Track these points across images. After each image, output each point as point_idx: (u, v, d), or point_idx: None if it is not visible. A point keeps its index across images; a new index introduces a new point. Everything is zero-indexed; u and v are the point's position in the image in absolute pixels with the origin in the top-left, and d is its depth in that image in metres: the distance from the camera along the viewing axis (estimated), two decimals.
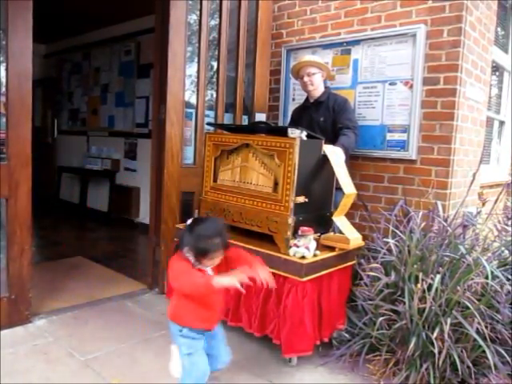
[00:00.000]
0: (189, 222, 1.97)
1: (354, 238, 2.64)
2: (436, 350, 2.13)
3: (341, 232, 2.65)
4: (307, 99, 3.33)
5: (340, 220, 2.65)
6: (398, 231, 2.62)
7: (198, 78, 3.47)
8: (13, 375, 2.22)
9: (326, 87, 3.26)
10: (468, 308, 2.21)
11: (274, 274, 2.45)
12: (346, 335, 2.64)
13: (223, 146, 2.86)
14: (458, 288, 2.26)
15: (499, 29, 3.94)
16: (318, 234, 2.64)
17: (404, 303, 2.32)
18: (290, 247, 2.45)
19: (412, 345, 2.21)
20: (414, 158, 3.16)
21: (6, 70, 2.56)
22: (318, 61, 3.21)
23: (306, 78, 3.17)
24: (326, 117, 3.17)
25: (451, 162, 3.03)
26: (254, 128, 2.92)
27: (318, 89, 3.21)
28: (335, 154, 2.72)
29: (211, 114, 3.66)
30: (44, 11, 3.69)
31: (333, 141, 2.94)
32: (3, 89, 2.61)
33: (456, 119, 3.02)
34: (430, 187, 3.06)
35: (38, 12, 2.68)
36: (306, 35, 3.75)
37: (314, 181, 2.64)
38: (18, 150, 2.64)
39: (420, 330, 2.25)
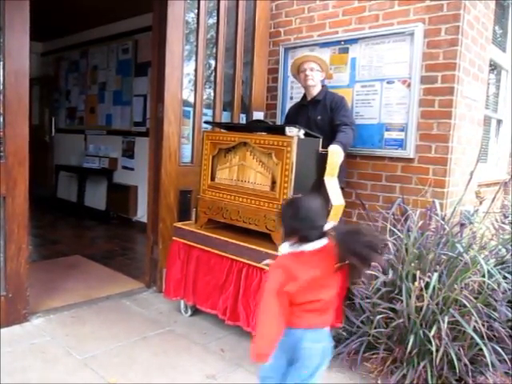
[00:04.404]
0: None
1: None
2: (433, 348, 2.14)
3: None
4: (304, 98, 3.33)
5: (330, 182, 2.62)
6: (395, 229, 2.62)
7: (196, 76, 3.47)
8: (11, 374, 2.22)
9: (322, 86, 3.26)
10: (465, 306, 2.22)
11: None
12: (344, 334, 2.64)
13: (221, 145, 2.85)
14: (456, 286, 2.26)
15: (497, 27, 3.94)
16: None
17: (401, 301, 2.32)
18: None
19: (410, 343, 2.22)
20: (411, 156, 3.16)
21: (3, 68, 2.55)
22: (321, 58, 3.20)
23: (308, 72, 3.15)
24: (323, 115, 3.17)
25: (449, 160, 3.04)
26: (251, 126, 2.92)
27: (316, 86, 3.21)
28: (335, 153, 2.73)
29: (209, 112, 3.66)
30: (41, 9, 3.67)
31: (331, 139, 2.94)
32: (0, 87, 2.60)
33: (453, 118, 3.02)
34: (427, 186, 3.06)
35: (35, 10, 2.67)
36: (303, 34, 3.75)
37: (311, 179, 2.64)
38: (16, 149, 2.63)
39: (417, 329, 2.26)
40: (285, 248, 1.68)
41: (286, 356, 1.68)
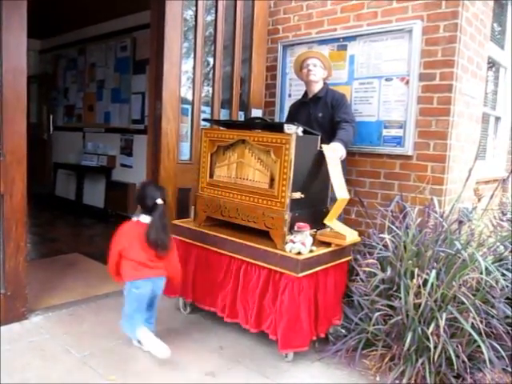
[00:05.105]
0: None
1: (351, 234, 2.65)
2: (432, 345, 2.14)
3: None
4: (305, 95, 3.33)
5: (333, 224, 2.64)
6: (394, 227, 2.62)
7: (194, 73, 3.47)
8: (9, 372, 2.22)
9: (324, 83, 3.26)
10: (463, 303, 2.22)
11: (270, 269, 2.47)
12: (342, 331, 2.65)
13: (219, 142, 2.85)
14: (454, 283, 2.27)
15: (495, 25, 3.95)
16: (315, 230, 2.64)
17: (400, 298, 2.33)
18: (287, 243, 2.45)
19: (408, 340, 2.22)
20: (410, 153, 3.16)
21: (1, 65, 2.53)
22: (324, 55, 3.24)
23: (311, 67, 3.16)
24: (325, 112, 3.17)
25: (447, 157, 3.04)
26: (250, 124, 2.92)
27: (318, 83, 3.21)
28: (333, 150, 2.73)
29: (207, 109, 3.65)
30: (39, 6, 3.66)
31: (331, 136, 2.94)
32: None
33: (452, 115, 3.03)
34: (426, 183, 3.06)
35: (32, 7, 2.66)
36: (302, 31, 3.75)
37: (310, 177, 2.64)
38: (14, 147, 2.62)
39: (416, 325, 2.26)
40: (135, 218, 2.48)
41: (146, 300, 2.42)
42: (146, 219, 2.42)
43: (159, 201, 2.41)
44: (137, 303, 2.39)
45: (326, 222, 2.64)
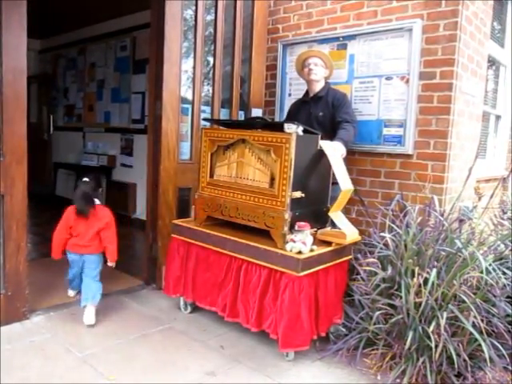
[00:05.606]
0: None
1: (351, 233, 2.65)
2: (432, 344, 2.14)
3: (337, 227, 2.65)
4: (306, 94, 3.33)
5: (336, 216, 2.65)
6: (394, 226, 2.62)
7: (194, 73, 3.46)
8: (10, 372, 2.22)
9: (325, 82, 3.26)
10: (464, 302, 2.22)
11: (270, 269, 2.47)
12: (343, 330, 2.65)
13: (219, 142, 2.85)
14: (454, 282, 2.27)
15: (495, 23, 3.94)
16: (315, 229, 2.64)
17: (400, 297, 2.33)
18: (287, 242, 2.45)
19: (409, 339, 2.22)
20: (410, 152, 3.16)
21: (1, 65, 2.53)
22: (326, 54, 3.24)
23: (312, 66, 3.16)
24: (325, 112, 3.17)
25: (447, 156, 3.04)
26: (250, 123, 2.91)
27: (319, 82, 3.21)
28: (334, 149, 2.72)
29: (207, 109, 3.65)
30: (39, 6, 3.66)
31: (331, 135, 2.94)
32: None
33: (452, 114, 3.02)
34: (426, 182, 3.06)
35: (32, 7, 2.66)
36: (302, 30, 3.75)
37: (310, 176, 2.64)
38: (14, 147, 2.62)
39: (416, 324, 2.26)
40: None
41: (78, 266, 2.92)
42: None
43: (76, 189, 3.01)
44: (71, 264, 2.96)
45: (330, 213, 2.64)
